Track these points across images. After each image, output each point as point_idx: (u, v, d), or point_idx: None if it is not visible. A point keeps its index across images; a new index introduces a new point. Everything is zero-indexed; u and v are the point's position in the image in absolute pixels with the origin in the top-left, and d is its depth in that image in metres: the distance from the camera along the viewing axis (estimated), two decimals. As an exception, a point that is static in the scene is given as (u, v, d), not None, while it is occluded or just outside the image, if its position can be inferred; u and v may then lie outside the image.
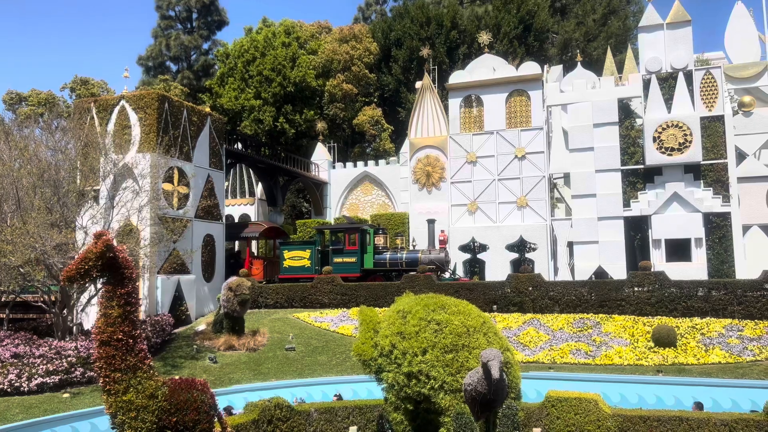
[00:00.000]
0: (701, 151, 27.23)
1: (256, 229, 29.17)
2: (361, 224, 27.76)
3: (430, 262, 25.11)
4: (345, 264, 25.88)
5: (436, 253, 25.60)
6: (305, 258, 26.45)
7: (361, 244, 25.90)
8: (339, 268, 25.83)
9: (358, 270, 25.70)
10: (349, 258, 25.86)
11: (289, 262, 26.71)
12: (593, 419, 13.78)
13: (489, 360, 9.44)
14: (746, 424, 12.87)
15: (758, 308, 19.32)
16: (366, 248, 25.99)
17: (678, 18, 28.37)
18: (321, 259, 26.60)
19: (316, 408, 14.56)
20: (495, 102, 31.56)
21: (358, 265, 25.85)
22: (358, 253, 25.88)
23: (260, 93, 41.37)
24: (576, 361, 18.05)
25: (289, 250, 26.96)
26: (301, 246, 27.07)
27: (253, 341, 20.76)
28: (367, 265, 25.87)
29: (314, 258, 26.39)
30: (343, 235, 26.35)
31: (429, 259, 25.20)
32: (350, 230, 26.34)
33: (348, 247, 25.96)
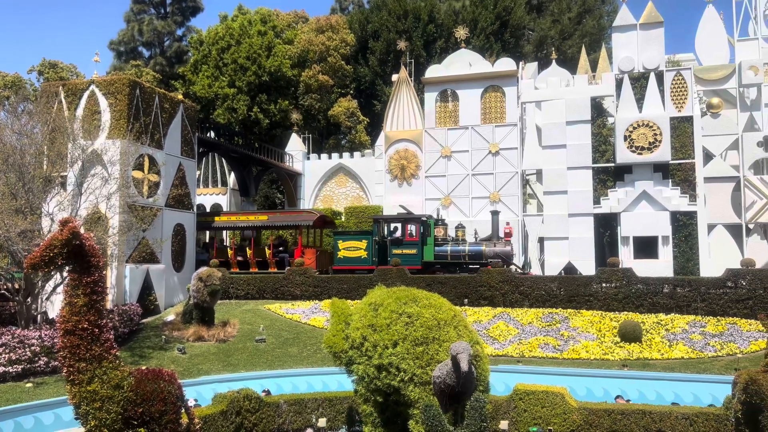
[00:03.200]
0: (670, 151, 27.76)
1: (309, 217, 27.74)
2: (422, 214, 26.71)
3: (495, 255, 24.09)
4: (404, 256, 24.61)
5: (501, 246, 24.51)
6: (361, 249, 25.19)
7: (422, 236, 24.80)
8: (398, 259, 24.76)
9: (419, 262, 24.52)
10: (409, 250, 24.69)
11: (344, 252, 25.46)
12: (559, 412, 14.02)
13: (458, 353, 9.52)
14: (706, 418, 13.24)
15: (720, 305, 19.83)
16: (426, 240, 24.86)
17: (651, 19, 28.80)
18: (378, 250, 25.47)
19: (286, 399, 14.53)
20: (470, 97, 31.71)
21: (418, 257, 24.66)
22: (419, 245, 24.74)
23: (234, 81, 40.87)
24: (544, 355, 18.31)
25: (343, 240, 25.67)
26: (356, 236, 25.86)
27: (223, 332, 20.58)
28: (427, 257, 24.74)
29: (371, 249, 25.19)
30: (402, 225, 25.35)
31: (494, 252, 24.18)
32: (410, 220, 25.25)
33: (407, 239, 24.88)
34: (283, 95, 42.57)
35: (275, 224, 28.62)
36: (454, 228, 26.55)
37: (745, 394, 10.91)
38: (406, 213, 26.86)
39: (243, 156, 33.55)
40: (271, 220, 28.20)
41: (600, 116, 31.18)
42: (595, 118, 30.07)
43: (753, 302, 19.53)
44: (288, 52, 43.02)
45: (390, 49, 43.57)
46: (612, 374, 16.93)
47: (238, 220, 28.55)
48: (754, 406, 10.85)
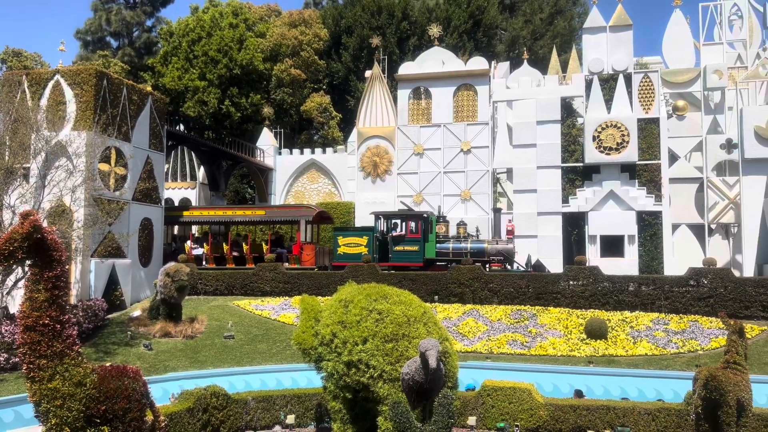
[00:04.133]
0: (637, 152, 28.31)
1: (308, 212, 27.23)
2: (423, 211, 26.51)
3: (497, 252, 24.02)
4: (406, 252, 24.42)
5: (503, 244, 24.42)
6: (362, 245, 24.76)
7: (424, 232, 24.55)
8: (399, 256, 24.55)
9: (420, 259, 24.31)
10: (411, 246, 24.38)
11: (344, 249, 25.05)
12: (526, 408, 14.21)
13: (427, 350, 9.55)
14: (668, 413, 13.57)
15: (683, 303, 20.31)
16: (428, 237, 24.67)
17: (620, 22, 29.29)
18: (379, 246, 25.18)
19: (254, 396, 14.42)
20: (443, 95, 31.84)
21: (420, 254, 24.40)
22: (421, 242, 24.48)
23: (205, 74, 40.27)
24: (512, 352, 18.52)
25: (344, 236, 25.30)
26: (357, 232, 25.56)
27: (191, 328, 20.31)
28: (429, 254, 24.53)
29: (372, 245, 24.87)
30: (404, 222, 25.07)
31: (496, 250, 24.09)
32: (412, 217, 25.01)
33: (409, 235, 24.59)
34: (255, 89, 42.11)
35: (273, 219, 28.18)
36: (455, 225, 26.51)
37: (705, 390, 11.20)
38: (407, 209, 26.75)
39: (213, 150, 33.11)
40: (269, 215, 27.77)
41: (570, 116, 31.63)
42: (565, 118, 30.49)
43: (714, 300, 20.05)
44: (260, 46, 42.56)
45: (363, 45, 43.43)
46: (578, 371, 17.22)
47: (234, 215, 27.94)
48: (713, 402, 11.15)
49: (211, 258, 27.15)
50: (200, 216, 28.51)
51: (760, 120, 24.98)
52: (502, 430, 14.16)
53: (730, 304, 19.80)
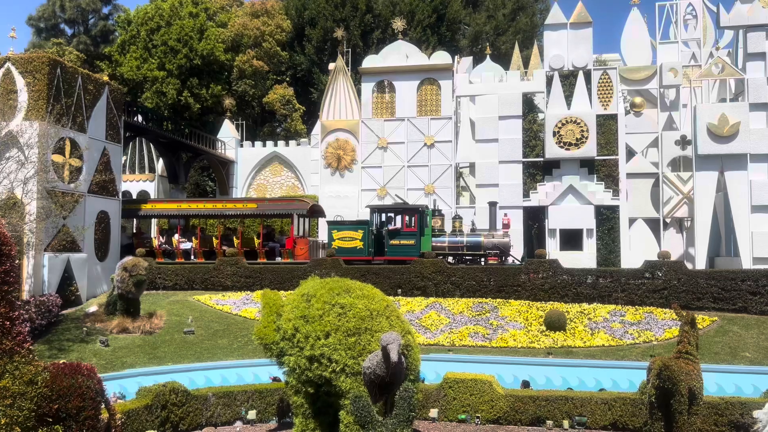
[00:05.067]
0: (596, 147, 28.89)
1: (302, 206, 26.63)
2: (419, 204, 26.26)
3: (493, 246, 23.99)
4: (402, 246, 24.17)
5: (499, 237, 24.36)
6: (357, 239, 24.45)
7: (420, 226, 24.40)
8: (395, 250, 24.25)
9: (417, 253, 24.00)
10: (407, 240, 24.18)
11: (338, 243, 24.64)
12: (487, 399, 14.40)
13: (388, 343, 9.58)
14: (623, 402, 13.94)
15: (639, 295, 20.86)
16: (424, 230, 24.48)
17: (580, 19, 29.78)
18: (375, 240, 24.85)
19: (214, 392, 14.24)
20: (407, 89, 31.87)
21: (417, 248, 24.17)
22: (417, 235, 24.29)
23: (164, 64, 39.38)
24: (474, 344, 18.73)
25: (338, 230, 24.91)
26: (352, 226, 25.10)
27: (150, 324, 19.91)
28: (425, 248, 24.30)
29: (367, 239, 24.55)
30: (400, 215, 24.85)
31: (492, 244, 24.06)
32: (408, 210, 24.79)
33: (406, 229, 24.40)
34: (216, 80, 41.40)
35: (266, 212, 27.53)
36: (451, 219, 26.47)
37: (659, 379, 11.53)
38: (402, 203, 26.61)
39: (172, 142, 32.44)
40: (260, 209, 27.09)
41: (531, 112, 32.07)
42: (527, 114, 30.91)
43: (668, 292, 20.64)
44: (221, 36, 41.83)
45: (327, 37, 43.12)
46: (538, 362, 17.53)
47: (225, 208, 27.17)
48: (666, 391, 11.49)
49: (200, 252, 26.40)
50: (189, 209, 27.58)
51: (713, 117, 25.76)
52: (463, 422, 14.32)
53: (683, 296, 20.42)
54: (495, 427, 14.13)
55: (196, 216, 28.10)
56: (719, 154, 25.80)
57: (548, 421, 14.04)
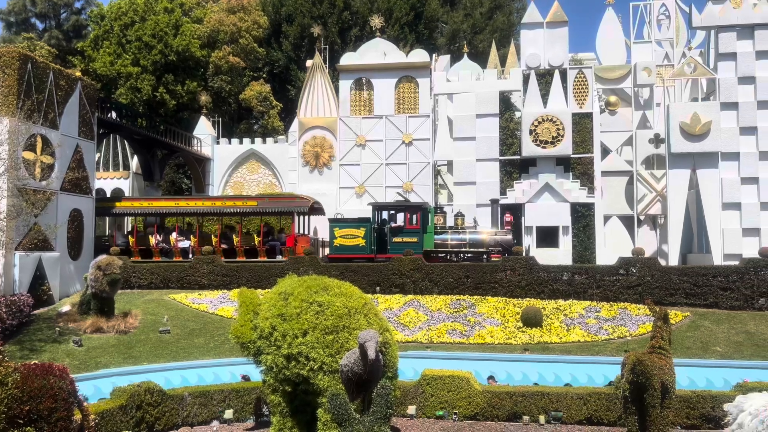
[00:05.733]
0: (572, 145, 29.20)
1: (303, 204, 26.26)
2: (422, 202, 26.14)
3: (496, 244, 23.97)
4: (405, 244, 23.96)
5: (502, 235, 24.38)
6: (359, 237, 24.25)
7: (423, 224, 24.30)
8: (398, 248, 24.02)
9: (420, 250, 23.90)
10: (410, 238, 24.06)
11: (340, 240, 24.42)
12: (464, 396, 14.49)
13: (366, 341, 9.58)
14: (598, 397, 14.14)
15: (613, 291, 21.16)
16: (426, 228, 24.38)
17: (556, 18, 30.05)
18: (377, 238, 24.67)
19: (191, 392, 14.10)
20: (385, 87, 31.86)
21: (420, 245, 24.03)
22: (420, 233, 24.20)
23: (139, 60, 38.80)
24: (451, 341, 18.83)
25: (340, 228, 24.68)
26: (354, 224, 24.88)
27: (124, 323, 19.63)
28: (427, 245, 24.22)
29: (370, 237, 24.35)
30: (403, 213, 24.68)
31: (495, 241, 24.05)
32: (411, 208, 24.68)
33: (408, 226, 24.27)
34: (192, 76, 40.91)
35: (266, 210, 27.20)
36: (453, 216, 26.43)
37: (633, 374, 11.70)
38: (404, 200, 26.54)
39: (147, 139, 31.99)
40: (261, 206, 26.70)
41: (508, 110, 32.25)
42: (504, 112, 31.06)
43: (642, 288, 20.98)
44: (197, 32, 41.35)
45: (304, 34, 42.90)
46: (514, 358, 17.68)
47: (224, 206, 26.61)
48: (640, 385, 11.67)
49: (199, 251, 26.02)
50: (187, 207, 27.01)
51: (685, 116, 26.22)
52: (441, 419, 14.39)
53: (657, 292, 20.78)
54: (472, 423, 14.22)
55: (194, 214, 27.51)
56: (691, 153, 26.27)
57: (525, 417, 14.18)
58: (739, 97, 26.24)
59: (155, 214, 27.78)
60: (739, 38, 26.36)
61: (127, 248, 26.42)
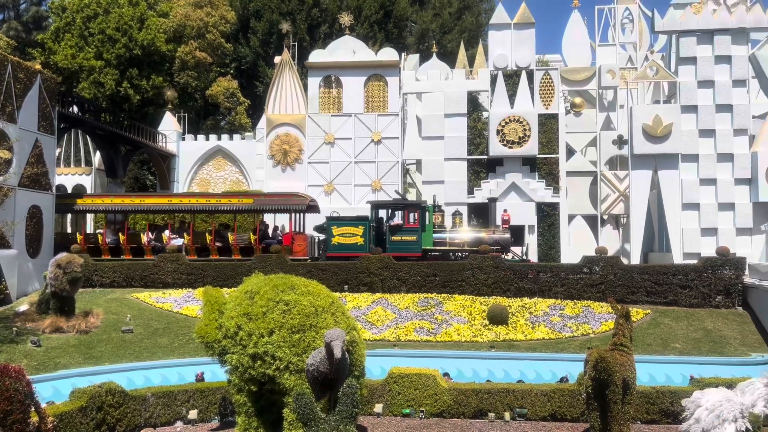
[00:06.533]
0: (537, 146, 29.63)
1: (301, 202, 25.81)
2: (420, 201, 25.90)
3: (494, 242, 23.91)
4: (404, 243, 23.87)
5: (500, 233, 24.36)
6: (358, 235, 23.98)
7: (422, 222, 24.12)
8: (397, 246, 23.86)
9: (419, 249, 23.81)
10: (409, 236, 23.87)
11: (338, 239, 24.14)
12: (431, 393, 14.58)
13: (332, 340, 9.56)
14: (561, 394, 14.39)
15: (577, 289, 21.54)
16: (425, 226, 24.23)
17: (524, 20, 30.43)
18: (376, 236, 24.48)
19: (153, 392, 13.86)
20: (354, 85, 31.77)
21: (418, 243, 23.87)
22: (419, 231, 24.01)
23: (102, 53, 37.89)
24: (419, 339, 18.91)
25: (338, 226, 24.40)
26: (352, 222, 24.60)
27: (85, 323, 19.15)
28: (426, 244, 24.07)
29: (368, 235, 24.10)
30: (402, 211, 24.46)
31: (494, 240, 24.00)
32: (410, 206, 24.49)
33: (407, 225, 24.07)
34: (157, 71, 40.14)
35: (262, 208, 26.60)
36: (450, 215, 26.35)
37: (595, 370, 11.94)
38: (401, 199, 26.38)
39: (110, 134, 31.26)
40: (257, 204, 26.13)
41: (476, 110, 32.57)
42: (471, 112, 31.35)
43: (605, 286, 21.40)
44: (162, 26, 40.58)
45: (273, 30, 42.51)
46: (480, 355, 17.87)
47: (219, 203, 25.86)
48: (602, 382, 11.90)
49: (193, 249, 25.32)
50: (180, 204, 26.24)
51: (647, 118, 26.82)
52: (407, 417, 14.45)
53: (619, 290, 21.22)
54: (439, 420, 14.32)
55: (188, 211, 26.82)
56: (653, 154, 26.89)
57: (490, 414, 14.35)
58: (698, 100, 26.95)
59: (146, 211, 26.98)
60: (699, 43, 27.08)
61: (117, 246, 25.64)
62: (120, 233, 26.27)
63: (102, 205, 26.44)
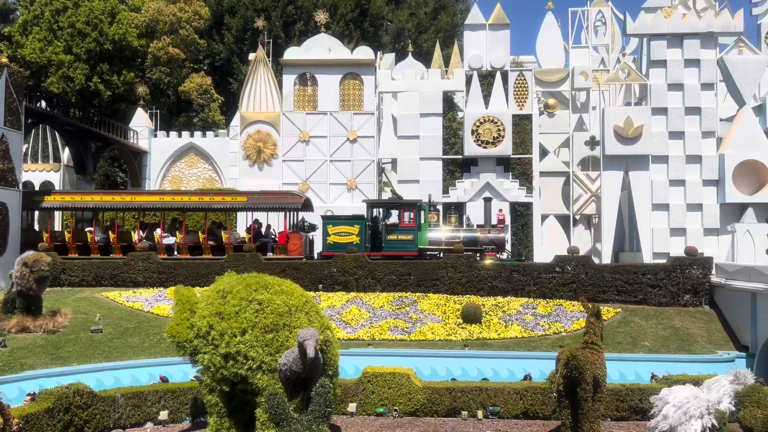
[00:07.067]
0: (511, 146, 29.88)
1: (296, 200, 25.38)
2: (416, 200, 25.64)
3: (490, 242, 23.94)
4: (400, 242, 23.74)
5: (495, 233, 24.37)
6: (353, 234, 23.76)
7: (417, 221, 24.03)
8: (393, 245, 23.70)
9: (415, 248, 23.65)
10: (405, 235, 23.73)
11: (334, 238, 23.89)
12: (405, 392, 14.61)
13: (305, 339, 9.52)
14: (534, 392, 14.54)
15: (550, 288, 21.78)
16: (421, 225, 24.13)
17: (498, 20, 30.64)
18: (371, 235, 24.28)
19: (123, 393, 13.64)
20: (329, 83, 31.63)
21: (414, 242, 23.71)
22: (415, 231, 23.86)
23: (71, 48, 37.09)
24: (393, 338, 18.94)
25: (333, 225, 24.17)
26: (348, 221, 24.41)
27: (53, 322, 18.75)
28: (421, 243, 23.92)
29: (364, 234, 23.89)
30: (397, 210, 24.31)
31: (489, 239, 24.00)
32: (406, 205, 24.36)
33: (403, 224, 23.91)
34: (129, 66, 39.44)
35: (257, 206, 26.03)
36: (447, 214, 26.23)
37: (567, 368, 12.09)
38: (397, 197, 26.20)
39: (80, 130, 30.63)
40: (251, 202, 25.59)
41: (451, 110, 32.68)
42: (447, 112, 31.46)
43: (576, 285, 21.69)
44: (134, 21, 39.90)
45: (247, 26, 42.08)
46: (454, 354, 17.97)
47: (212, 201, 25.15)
48: (573, 380, 12.06)
49: (185, 248, 24.80)
50: (172, 202, 25.61)
51: (619, 120, 27.22)
52: (381, 416, 14.45)
53: (590, 289, 21.51)
54: (412, 419, 14.36)
55: (180, 209, 26.23)
56: (624, 155, 27.30)
57: (463, 412, 14.43)
58: (668, 102, 27.45)
59: (138, 209, 26.31)
60: (669, 46, 27.58)
61: (107, 244, 25.03)
62: (110, 231, 25.69)
63: (92, 203, 25.50)
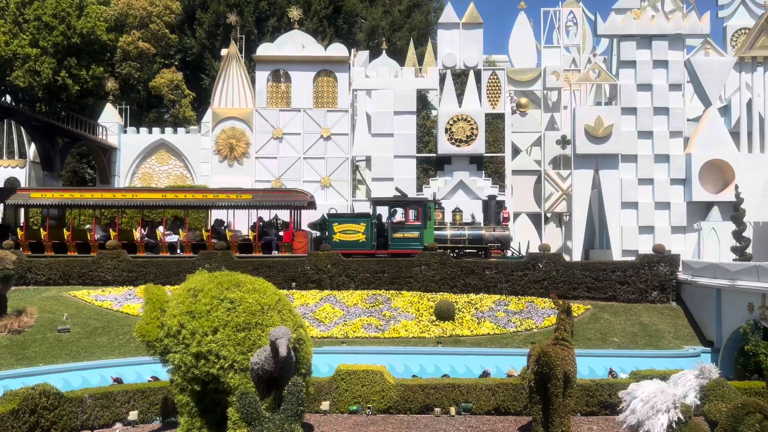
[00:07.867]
0: (485, 145, 30.11)
1: (302, 198, 25.08)
2: (423, 197, 25.43)
3: (495, 240, 23.95)
4: (406, 240, 23.68)
5: (500, 231, 24.32)
6: (360, 232, 23.58)
7: (424, 219, 23.89)
8: (399, 243, 23.57)
9: (421, 246, 23.43)
10: (411, 233, 23.67)
11: (340, 236, 23.63)
12: (378, 390, 14.64)
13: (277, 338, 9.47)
14: (506, 388, 14.70)
15: (521, 285, 22.02)
16: (427, 223, 23.99)
17: (472, 19, 30.83)
18: (378, 233, 24.09)
19: (91, 394, 13.39)
20: (303, 80, 31.46)
21: (420, 240, 23.60)
22: (421, 228, 23.77)
23: (38, 41, 36.21)
24: (367, 335, 18.95)
25: (339, 223, 23.95)
26: (354, 219, 24.26)
27: (18, 322, 18.30)
28: (427, 241, 23.71)
29: (370, 232, 23.67)
30: (403, 208, 24.18)
31: (494, 237, 24.00)
32: (413, 203, 24.17)
33: (409, 222, 23.82)
34: (97, 61, 38.67)
35: (262, 204, 25.53)
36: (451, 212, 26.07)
37: (538, 365, 12.24)
38: (401, 195, 25.98)
39: (46, 125, 29.90)
40: (256, 200, 25.07)
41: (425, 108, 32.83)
42: (421, 110, 31.58)
43: (547, 282, 21.96)
44: (103, 14, 39.12)
45: (219, 21, 41.61)
46: (427, 351, 18.06)
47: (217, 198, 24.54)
48: (544, 376, 12.22)
49: (188, 246, 24.19)
50: (175, 199, 24.91)
51: (590, 119, 27.63)
52: (354, 413, 14.45)
53: (561, 286, 21.81)
54: (385, 416, 14.39)
55: (184, 207, 25.67)
56: (594, 154, 27.73)
57: (436, 409, 14.52)
58: (637, 102, 27.95)
59: (140, 206, 25.65)
60: (638, 47, 28.07)
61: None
62: (111, 229, 25.09)
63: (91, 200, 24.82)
